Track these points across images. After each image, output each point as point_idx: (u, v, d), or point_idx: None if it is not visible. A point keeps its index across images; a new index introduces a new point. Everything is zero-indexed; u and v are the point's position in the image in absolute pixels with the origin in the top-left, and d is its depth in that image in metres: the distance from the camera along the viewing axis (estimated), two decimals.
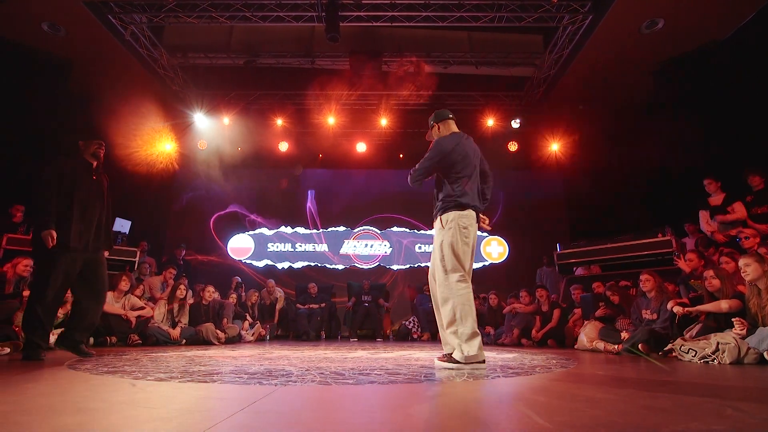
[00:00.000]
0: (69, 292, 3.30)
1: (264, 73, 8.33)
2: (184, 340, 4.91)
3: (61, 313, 4.03)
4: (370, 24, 6.76)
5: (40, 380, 2.02)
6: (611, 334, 4.05)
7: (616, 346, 3.92)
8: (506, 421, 1.21)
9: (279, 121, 8.69)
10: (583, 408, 1.35)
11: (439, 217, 2.76)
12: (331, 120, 8.58)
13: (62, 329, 3.35)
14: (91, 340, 4.42)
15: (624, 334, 3.94)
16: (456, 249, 2.61)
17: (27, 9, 6.00)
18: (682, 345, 3.10)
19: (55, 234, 2.95)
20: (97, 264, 3.25)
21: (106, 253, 3.43)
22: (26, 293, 4.35)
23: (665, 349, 3.50)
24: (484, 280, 7.78)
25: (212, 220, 8.83)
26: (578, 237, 7.58)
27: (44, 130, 6.73)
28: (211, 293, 5.40)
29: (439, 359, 2.61)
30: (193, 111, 8.45)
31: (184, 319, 5.10)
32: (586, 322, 4.46)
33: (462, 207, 2.68)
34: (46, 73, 6.90)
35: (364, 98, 8.57)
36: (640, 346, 3.62)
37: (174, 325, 4.97)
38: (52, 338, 3.39)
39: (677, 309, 3.55)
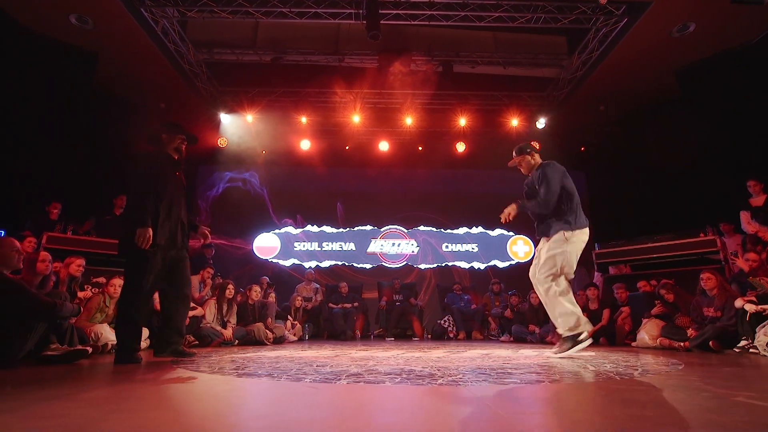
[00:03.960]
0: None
1: (288, 70, 8.22)
2: (237, 341, 4.84)
3: None
4: (407, 23, 6.73)
5: (202, 386, 1.96)
6: (676, 332, 4.13)
7: (682, 344, 4.00)
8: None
9: (303, 119, 8.60)
10: None
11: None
12: (356, 118, 8.53)
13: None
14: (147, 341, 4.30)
15: (690, 332, 4.02)
16: None
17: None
18: None
19: (151, 233, 2.85)
20: (182, 264, 3.15)
21: None
22: (81, 294, 4.23)
23: (740, 345, 3.59)
24: (511, 279, 7.87)
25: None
26: (601, 237, 7.69)
27: (74, 126, 6.55)
28: (258, 293, 5.33)
29: None
30: (216, 107, 8.31)
31: (233, 319, 5.02)
32: (645, 321, 4.54)
33: None
34: (72, 66, 6.68)
35: (391, 96, 8.55)
36: (711, 343, 3.70)
37: (224, 325, 4.89)
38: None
39: (749, 307, 3.63)
